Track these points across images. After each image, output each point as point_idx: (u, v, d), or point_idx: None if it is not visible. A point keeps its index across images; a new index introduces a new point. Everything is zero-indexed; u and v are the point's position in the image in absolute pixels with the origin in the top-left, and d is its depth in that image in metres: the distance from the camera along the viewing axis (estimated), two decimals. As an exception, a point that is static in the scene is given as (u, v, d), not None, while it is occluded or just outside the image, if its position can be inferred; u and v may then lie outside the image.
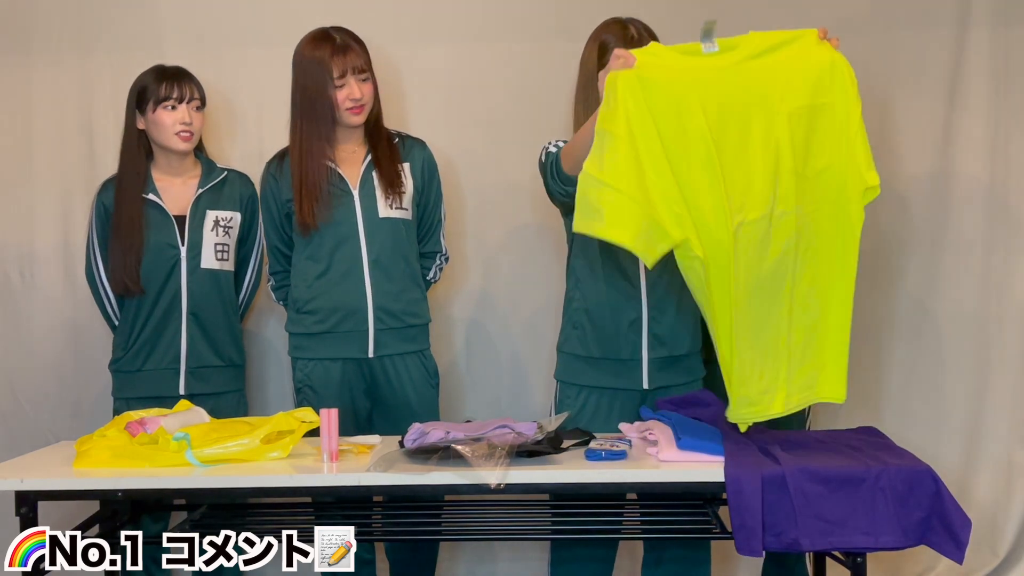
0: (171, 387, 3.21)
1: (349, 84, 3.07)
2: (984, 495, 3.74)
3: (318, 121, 3.08)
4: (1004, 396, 3.73)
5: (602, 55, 2.91)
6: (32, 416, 3.80)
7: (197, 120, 3.22)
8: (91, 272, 3.30)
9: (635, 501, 2.85)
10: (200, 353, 3.24)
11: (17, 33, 3.75)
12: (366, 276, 3.12)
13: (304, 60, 3.10)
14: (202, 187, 3.26)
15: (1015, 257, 3.72)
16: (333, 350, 3.15)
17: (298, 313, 3.18)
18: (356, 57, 3.07)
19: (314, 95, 3.07)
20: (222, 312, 3.29)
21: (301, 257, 3.17)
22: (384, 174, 3.14)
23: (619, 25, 2.98)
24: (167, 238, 3.21)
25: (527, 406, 3.68)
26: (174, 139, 3.18)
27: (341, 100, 3.07)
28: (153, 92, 3.17)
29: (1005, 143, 3.70)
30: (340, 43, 3.07)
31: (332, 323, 3.13)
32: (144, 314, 3.22)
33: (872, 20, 3.68)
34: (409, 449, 2.62)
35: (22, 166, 3.78)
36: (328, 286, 3.13)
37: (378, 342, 3.15)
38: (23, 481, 2.53)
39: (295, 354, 3.21)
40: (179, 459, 2.62)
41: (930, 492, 2.48)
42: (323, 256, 3.13)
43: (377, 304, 3.13)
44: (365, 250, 3.13)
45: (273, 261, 3.28)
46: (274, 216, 3.22)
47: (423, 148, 3.27)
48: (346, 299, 3.13)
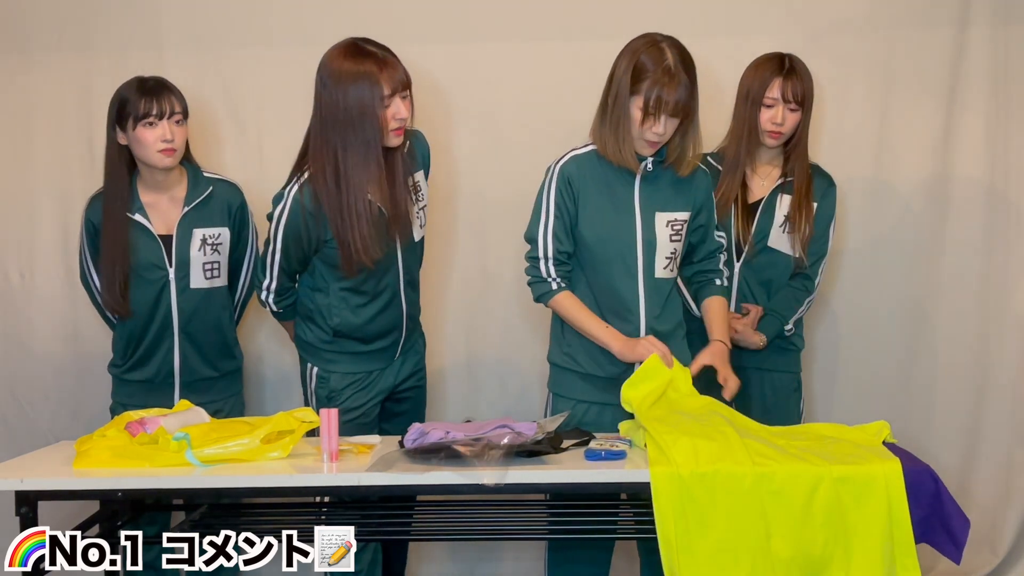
0: (167, 400, 3.19)
1: (395, 102, 2.80)
2: (984, 495, 3.75)
3: (364, 146, 2.78)
4: (1004, 396, 3.74)
5: (636, 80, 2.82)
6: (32, 416, 3.81)
7: (179, 135, 3.11)
8: (85, 279, 3.28)
9: (631, 501, 2.85)
10: (194, 367, 3.22)
11: (17, 33, 3.75)
12: (403, 299, 3.09)
13: (344, 75, 2.79)
14: (188, 204, 3.17)
15: (1015, 257, 3.72)
16: (371, 364, 3.11)
17: (335, 337, 3.05)
18: (402, 71, 2.81)
19: (357, 116, 2.77)
20: (215, 326, 3.25)
21: (335, 287, 3.00)
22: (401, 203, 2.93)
23: (657, 50, 2.82)
24: (154, 259, 3.15)
25: (527, 406, 3.68)
26: (156, 156, 3.08)
27: (388, 120, 2.81)
28: (133, 108, 3.05)
29: (1005, 143, 3.70)
30: (382, 56, 2.80)
31: (375, 345, 3.09)
32: (138, 332, 3.20)
33: (872, 20, 3.68)
34: (409, 449, 2.62)
35: (22, 166, 3.78)
36: (373, 315, 3.05)
37: (404, 346, 3.16)
38: (23, 481, 2.53)
39: (328, 368, 3.09)
40: (179, 459, 2.62)
41: (930, 492, 2.48)
42: (367, 288, 3.01)
43: (408, 315, 3.12)
44: (402, 275, 3.05)
45: (284, 281, 3.05)
46: (304, 250, 2.96)
47: (422, 141, 3.09)
48: (390, 323, 3.09)
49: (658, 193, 2.95)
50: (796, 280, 3.31)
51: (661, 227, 2.95)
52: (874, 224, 3.73)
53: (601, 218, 2.94)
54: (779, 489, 2.45)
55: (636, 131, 2.87)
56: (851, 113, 3.68)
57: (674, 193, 2.97)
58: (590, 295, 2.97)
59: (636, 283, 2.95)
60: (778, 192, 3.28)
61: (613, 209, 2.94)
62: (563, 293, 2.96)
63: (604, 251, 2.94)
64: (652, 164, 2.93)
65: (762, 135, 3.22)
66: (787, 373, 3.34)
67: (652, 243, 2.94)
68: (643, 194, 2.95)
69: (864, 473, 2.47)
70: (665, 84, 2.79)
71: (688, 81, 2.81)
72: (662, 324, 2.96)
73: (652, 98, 2.80)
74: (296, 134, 3.82)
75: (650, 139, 2.87)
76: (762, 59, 3.23)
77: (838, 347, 3.77)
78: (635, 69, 2.82)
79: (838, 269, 3.69)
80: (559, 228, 2.95)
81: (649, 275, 2.95)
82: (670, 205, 2.96)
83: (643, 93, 2.81)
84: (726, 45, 3.63)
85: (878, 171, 3.72)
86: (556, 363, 3.05)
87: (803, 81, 3.18)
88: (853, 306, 3.76)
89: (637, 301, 2.96)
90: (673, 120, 2.84)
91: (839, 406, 3.74)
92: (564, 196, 2.94)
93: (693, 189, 3.00)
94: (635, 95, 2.83)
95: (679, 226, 2.97)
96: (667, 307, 2.99)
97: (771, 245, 3.27)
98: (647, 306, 2.96)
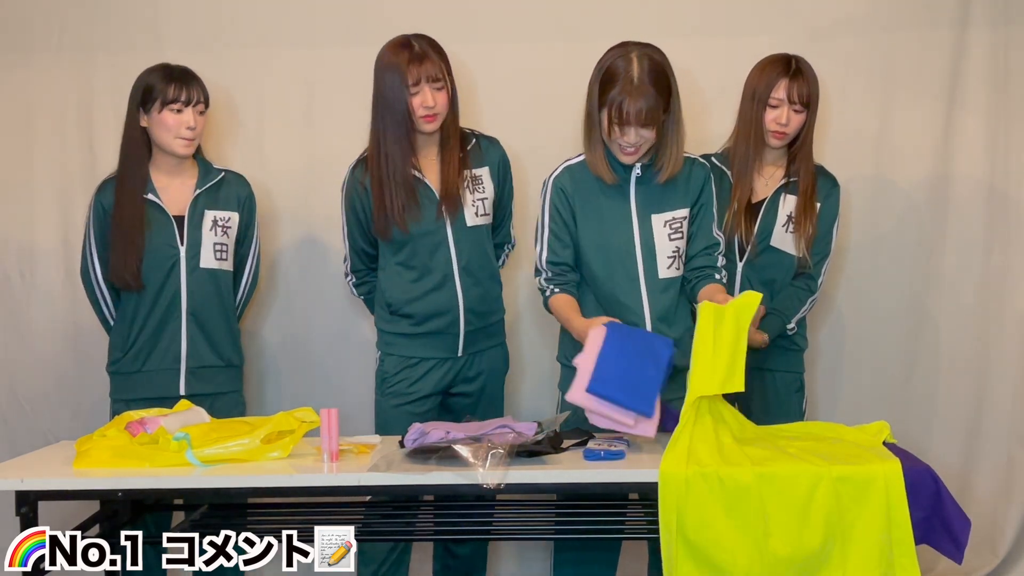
0: (172, 387, 3.21)
1: (423, 92, 3.06)
2: (984, 495, 3.75)
3: (396, 127, 3.09)
4: (1004, 396, 3.74)
5: (604, 91, 2.82)
6: (32, 416, 3.81)
7: (200, 124, 3.20)
8: (87, 272, 3.29)
9: (637, 501, 2.85)
10: (200, 353, 3.24)
11: (17, 33, 3.75)
12: (457, 283, 3.18)
13: (383, 66, 3.10)
14: (200, 187, 3.25)
15: (1016, 256, 3.72)
16: (425, 350, 3.20)
17: (392, 315, 3.22)
18: (432, 66, 3.07)
19: (391, 101, 3.07)
20: (221, 312, 3.29)
21: (391, 262, 3.20)
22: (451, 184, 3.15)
23: (625, 61, 2.80)
24: (167, 238, 3.20)
25: (530, 407, 3.68)
26: (176, 143, 3.17)
27: (416, 107, 3.06)
28: (160, 92, 3.14)
29: (1005, 143, 3.70)
30: (418, 51, 3.07)
31: (427, 327, 3.19)
32: (143, 314, 3.22)
33: (872, 20, 3.68)
34: (409, 449, 2.62)
35: (22, 166, 3.79)
36: (423, 292, 3.18)
37: (467, 341, 3.21)
38: (23, 481, 2.53)
39: (386, 350, 3.24)
40: (179, 459, 2.62)
41: (930, 492, 2.48)
42: (416, 264, 3.17)
43: (467, 307, 3.19)
44: (455, 257, 3.17)
45: (356, 260, 3.30)
46: (362, 222, 3.22)
47: (498, 147, 3.29)
48: (440, 304, 3.18)
49: (653, 194, 2.95)
50: (799, 280, 3.31)
51: (659, 228, 2.95)
52: (874, 224, 3.72)
53: (598, 226, 2.95)
54: (778, 489, 2.45)
55: (608, 140, 2.88)
56: (851, 113, 3.68)
57: (670, 191, 2.96)
58: (599, 310, 2.97)
59: (639, 288, 2.95)
60: (781, 192, 3.27)
61: (609, 216, 2.95)
62: (556, 296, 2.98)
63: (604, 258, 2.95)
64: (642, 169, 2.93)
65: (766, 135, 3.22)
66: (790, 373, 3.34)
67: (651, 247, 2.94)
68: (638, 198, 2.95)
69: (864, 473, 2.47)
70: (629, 94, 2.78)
71: (654, 91, 2.79)
72: (670, 328, 2.95)
73: (615, 108, 2.80)
74: (296, 133, 3.84)
75: (623, 147, 2.87)
76: (768, 60, 3.23)
77: (841, 347, 3.77)
78: (603, 79, 2.84)
79: (839, 269, 3.69)
80: (555, 239, 2.97)
81: (651, 278, 2.95)
82: (667, 205, 2.96)
83: (608, 103, 2.82)
84: (726, 45, 3.64)
85: (878, 171, 3.71)
86: (564, 363, 3.07)
87: (809, 83, 3.18)
88: (854, 306, 3.76)
89: (641, 306, 2.95)
90: (646, 129, 2.83)
91: (841, 406, 3.74)
92: (559, 208, 2.97)
93: (691, 183, 2.99)
94: (602, 106, 2.84)
95: (678, 224, 2.97)
96: (676, 312, 2.98)
97: (774, 245, 3.26)
98: (652, 310, 2.96)
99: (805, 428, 2.89)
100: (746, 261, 3.28)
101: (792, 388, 3.34)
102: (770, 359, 3.28)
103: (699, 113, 3.61)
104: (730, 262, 3.27)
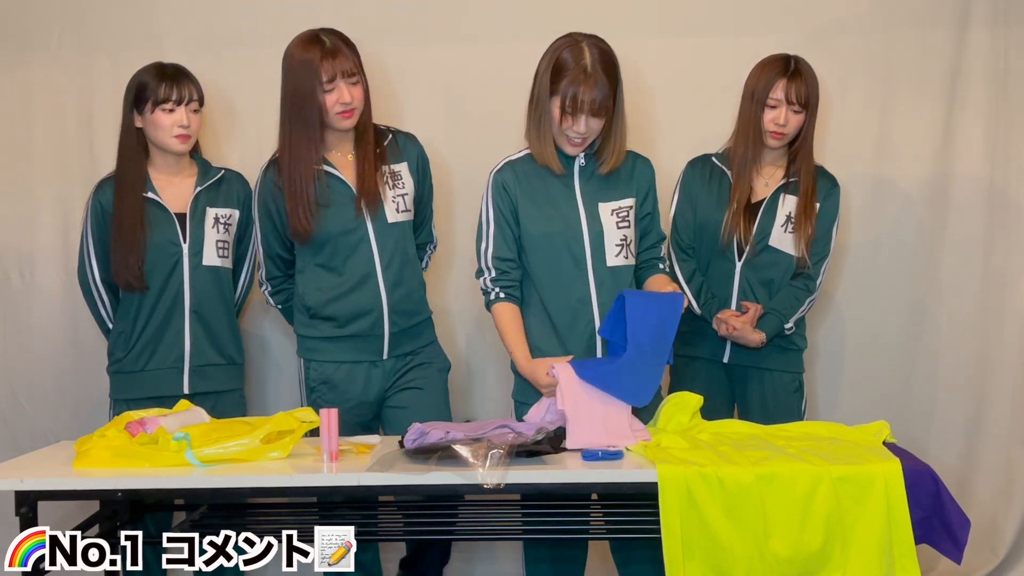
0: (175, 386, 3.21)
1: (339, 88, 3.01)
2: (984, 495, 3.75)
3: (307, 125, 3.02)
4: (1004, 396, 3.74)
5: (555, 80, 2.83)
6: (32, 416, 3.81)
7: (195, 122, 3.19)
8: (84, 273, 3.29)
9: (598, 501, 2.85)
10: (203, 351, 3.24)
11: (17, 33, 3.75)
12: (380, 281, 3.13)
13: (293, 63, 3.03)
14: (200, 185, 3.25)
15: (1015, 257, 3.72)
16: (349, 354, 3.15)
17: (311, 318, 3.16)
18: (345, 60, 3.01)
19: (303, 99, 3.01)
20: (223, 310, 3.29)
21: (311, 264, 3.14)
22: (368, 179, 3.10)
23: (576, 50, 2.83)
24: (169, 236, 3.20)
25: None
26: (172, 141, 3.16)
27: (331, 104, 3.01)
28: (152, 92, 3.14)
29: (1005, 143, 3.70)
30: (330, 46, 3.01)
31: (349, 329, 3.14)
32: (146, 313, 3.22)
33: (872, 20, 3.68)
34: (409, 449, 2.62)
35: (22, 166, 3.78)
36: (343, 292, 3.12)
37: (392, 343, 3.17)
38: (23, 481, 2.53)
39: (308, 356, 3.19)
40: (179, 459, 2.62)
41: (930, 492, 2.48)
42: (337, 264, 3.11)
43: (392, 308, 3.14)
44: (377, 256, 3.12)
45: (271, 267, 3.23)
46: (277, 226, 3.15)
47: (416, 143, 3.24)
48: (363, 305, 3.13)
49: (598, 184, 2.97)
50: (797, 280, 3.31)
51: (607, 216, 2.95)
52: (874, 224, 3.73)
53: (544, 213, 2.95)
54: (779, 489, 2.45)
55: (557, 130, 2.88)
56: (851, 113, 3.68)
57: (615, 182, 2.98)
58: (540, 305, 2.97)
59: (586, 274, 2.95)
60: (781, 192, 3.28)
61: (555, 204, 2.95)
62: (501, 304, 2.98)
63: (551, 245, 2.94)
64: (585, 159, 2.94)
65: (765, 135, 3.22)
66: (789, 373, 3.34)
67: (599, 232, 2.95)
68: (583, 188, 2.96)
69: (864, 473, 2.47)
70: (582, 83, 2.79)
71: (606, 80, 2.81)
72: None
73: (568, 97, 2.80)
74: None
75: (572, 138, 2.88)
76: (767, 60, 3.23)
77: (841, 347, 3.77)
78: (554, 68, 2.85)
79: (839, 269, 3.69)
80: (499, 237, 2.97)
81: (600, 264, 2.95)
82: (613, 194, 2.97)
83: (560, 92, 2.82)
84: (727, 45, 3.64)
85: (878, 170, 3.72)
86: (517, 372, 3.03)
87: (807, 83, 3.18)
88: (853, 306, 3.76)
89: (589, 293, 2.95)
90: (596, 119, 2.84)
91: (841, 406, 3.74)
92: (501, 204, 2.97)
93: (636, 177, 3.00)
94: (554, 95, 2.84)
95: (625, 212, 2.97)
96: None
97: (772, 245, 3.26)
98: (599, 298, 2.95)
99: (805, 428, 2.89)
100: (745, 261, 3.28)
101: (791, 388, 3.34)
102: (769, 359, 3.28)
103: (699, 113, 3.62)
104: (729, 262, 3.28)
